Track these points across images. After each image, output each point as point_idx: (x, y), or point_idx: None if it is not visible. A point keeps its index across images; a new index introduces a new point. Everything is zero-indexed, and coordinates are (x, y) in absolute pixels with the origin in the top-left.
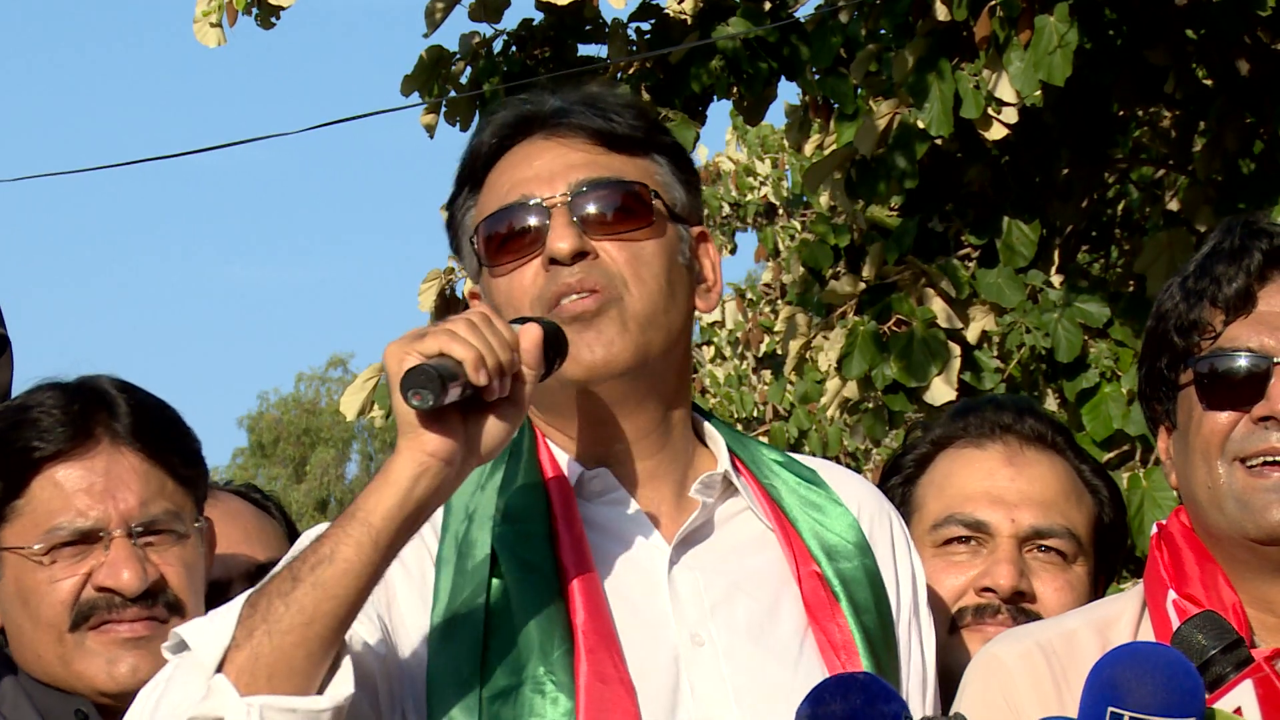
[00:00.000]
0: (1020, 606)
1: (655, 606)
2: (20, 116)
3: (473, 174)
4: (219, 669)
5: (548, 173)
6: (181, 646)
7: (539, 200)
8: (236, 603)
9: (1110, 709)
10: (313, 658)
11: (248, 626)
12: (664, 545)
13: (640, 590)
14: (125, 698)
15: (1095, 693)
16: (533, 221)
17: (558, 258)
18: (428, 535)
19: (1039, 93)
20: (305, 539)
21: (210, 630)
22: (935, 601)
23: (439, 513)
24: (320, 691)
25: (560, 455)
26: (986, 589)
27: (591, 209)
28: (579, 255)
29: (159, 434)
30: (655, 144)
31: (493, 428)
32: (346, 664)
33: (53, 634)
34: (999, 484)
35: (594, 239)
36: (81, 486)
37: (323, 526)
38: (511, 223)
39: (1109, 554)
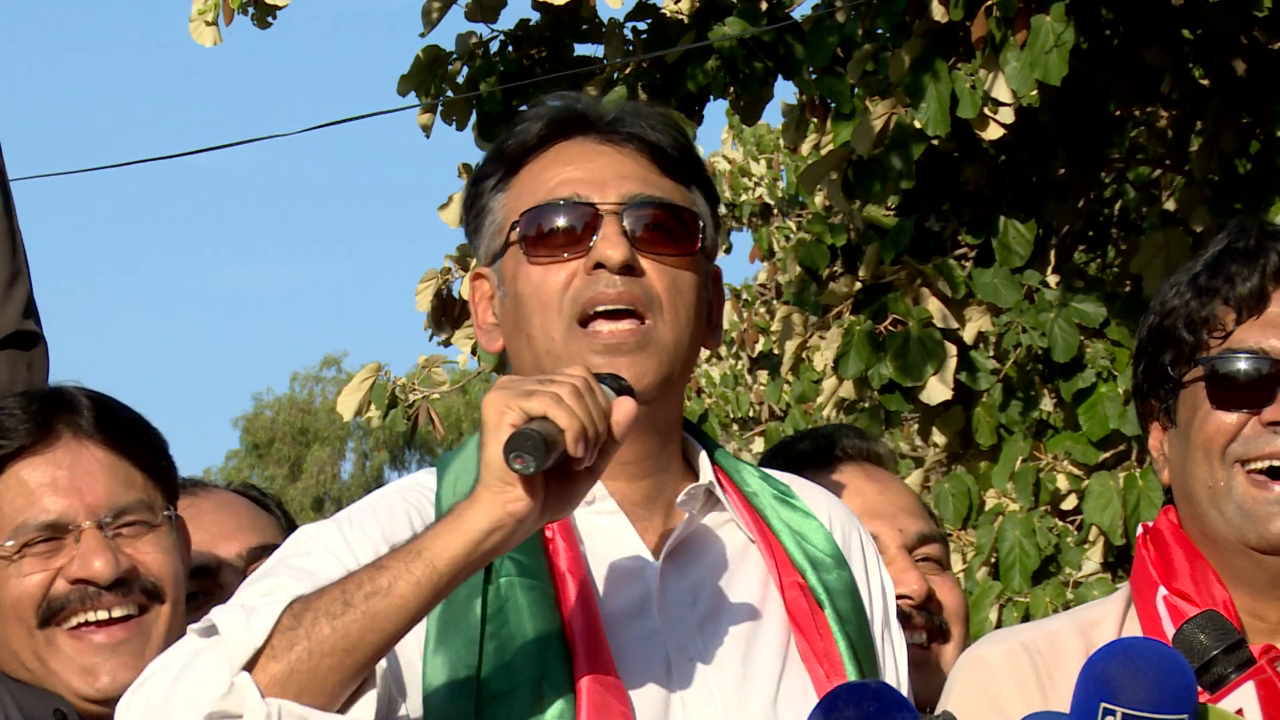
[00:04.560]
0: (929, 610)
1: (646, 619)
2: (15, 117)
3: (510, 159)
4: (247, 668)
5: (600, 177)
6: (212, 631)
7: (592, 203)
8: (276, 605)
9: (1103, 705)
10: (344, 683)
11: (289, 638)
12: (652, 559)
13: (632, 602)
14: (109, 703)
15: (1088, 688)
16: (582, 223)
17: (608, 266)
18: None
19: (1035, 92)
20: (350, 527)
21: (247, 627)
22: None
23: (431, 510)
24: (341, 711)
25: None
26: (901, 596)
27: (643, 225)
28: (627, 268)
29: (123, 428)
30: (696, 175)
31: (568, 493)
32: (371, 695)
33: (22, 629)
34: (870, 499)
35: (640, 255)
36: (46, 481)
37: (401, 490)
38: (559, 219)
39: None
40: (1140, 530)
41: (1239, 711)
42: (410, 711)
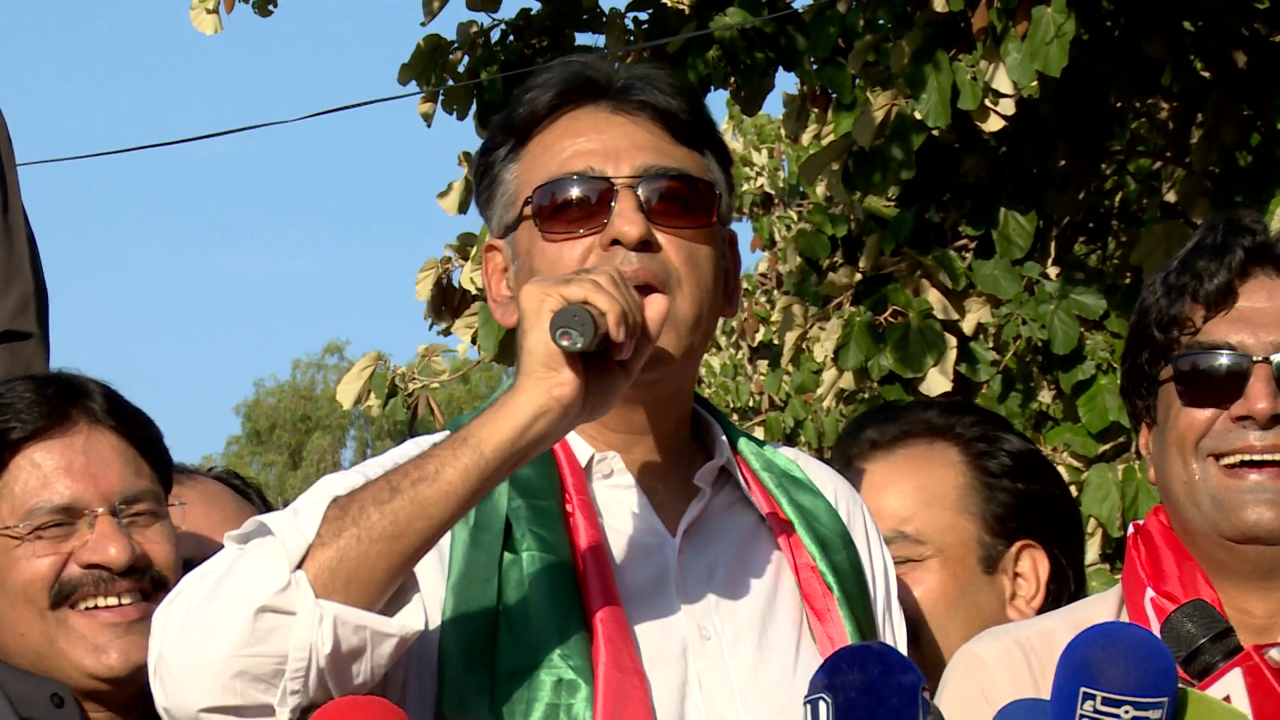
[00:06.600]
0: None
1: (664, 597)
2: (14, 104)
3: (520, 128)
4: (299, 565)
5: (614, 148)
6: (252, 536)
7: (606, 176)
8: (320, 504)
9: (1082, 689)
10: (391, 572)
11: (336, 527)
12: (670, 536)
13: (650, 579)
14: (119, 682)
15: (1068, 673)
16: (597, 197)
17: (625, 242)
18: None
19: (1036, 84)
20: (393, 456)
21: (297, 523)
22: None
23: None
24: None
25: (569, 434)
26: None
27: (658, 198)
28: (644, 244)
29: (130, 416)
30: (709, 139)
31: (605, 389)
32: (417, 600)
33: (32, 610)
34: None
35: (655, 229)
36: (61, 465)
37: (419, 443)
38: (574, 193)
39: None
40: (1130, 530)
41: (1226, 699)
42: (424, 677)
